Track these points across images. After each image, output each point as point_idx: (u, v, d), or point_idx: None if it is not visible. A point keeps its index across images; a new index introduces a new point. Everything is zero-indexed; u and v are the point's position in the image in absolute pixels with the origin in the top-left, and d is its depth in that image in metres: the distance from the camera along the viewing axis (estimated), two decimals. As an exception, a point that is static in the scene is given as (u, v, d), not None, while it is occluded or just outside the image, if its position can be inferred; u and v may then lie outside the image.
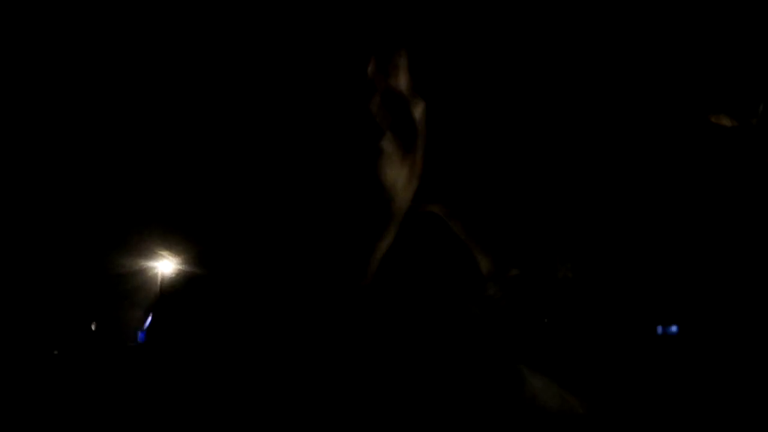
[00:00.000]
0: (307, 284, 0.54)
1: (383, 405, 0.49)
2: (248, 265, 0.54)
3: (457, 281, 0.75)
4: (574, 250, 7.19)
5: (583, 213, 6.71)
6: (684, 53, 6.22)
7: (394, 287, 0.58)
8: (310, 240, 0.53)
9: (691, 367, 6.16)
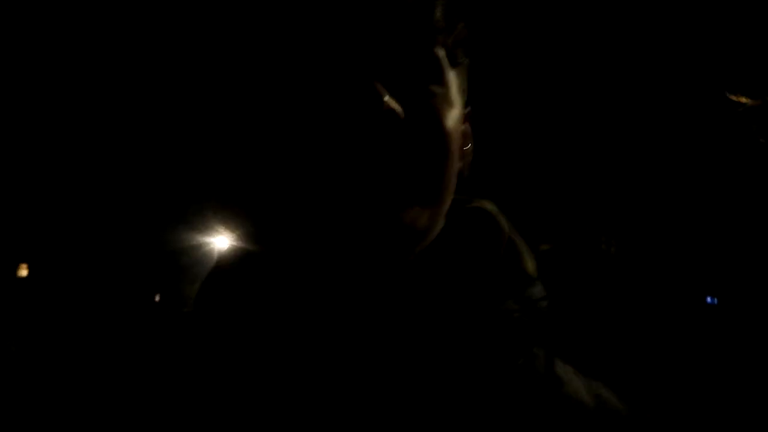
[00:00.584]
0: (358, 257, 0.54)
1: (411, 396, 0.52)
2: (302, 241, 0.54)
3: (501, 280, 0.75)
4: (618, 226, 7.38)
5: (621, 191, 6.93)
6: (703, 35, 6.41)
7: (433, 279, 0.59)
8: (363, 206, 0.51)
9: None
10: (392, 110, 0.46)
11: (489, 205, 0.59)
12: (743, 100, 6.16)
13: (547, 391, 0.54)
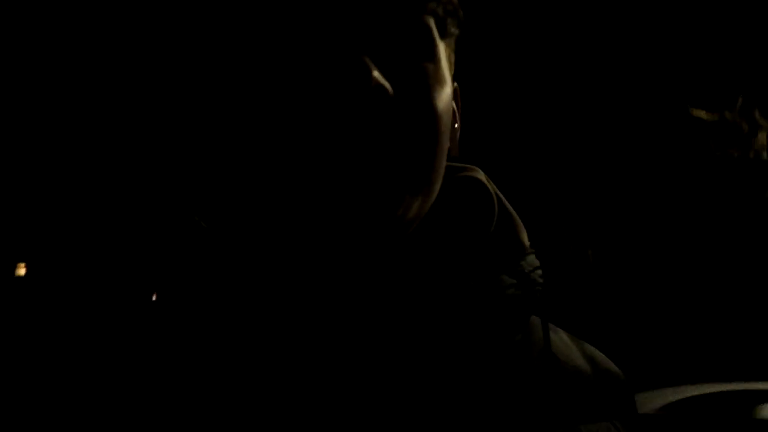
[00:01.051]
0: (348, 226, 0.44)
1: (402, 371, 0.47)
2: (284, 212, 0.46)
3: (495, 251, 0.54)
4: (597, 233, 7.58)
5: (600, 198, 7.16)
6: (666, 50, 6.68)
7: (427, 252, 0.49)
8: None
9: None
10: (381, 86, 0.44)
11: (479, 174, 0.57)
12: (703, 115, 6.51)
13: (546, 362, 0.53)
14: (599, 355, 0.60)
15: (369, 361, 0.47)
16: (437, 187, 0.49)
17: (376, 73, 0.43)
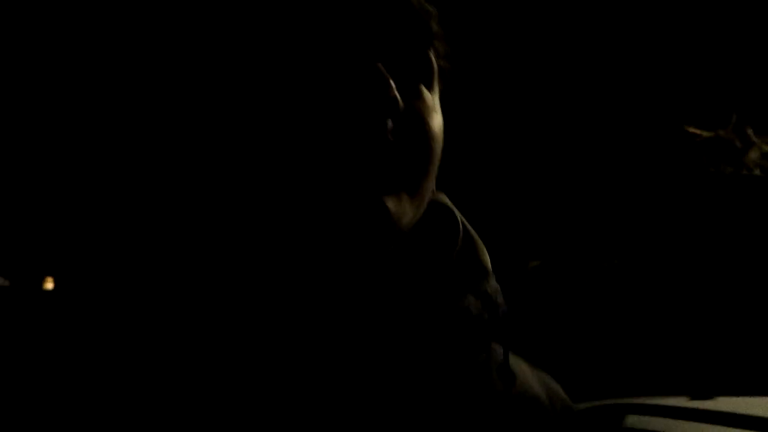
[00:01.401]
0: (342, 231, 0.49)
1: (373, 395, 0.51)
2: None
3: (459, 274, 0.57)
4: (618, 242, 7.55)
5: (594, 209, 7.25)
6: (660, 67, 6.84)
7: (398, 272, 0.53)
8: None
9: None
10: (396, 99, 0.47)
11: (444, 198, 0.59)
12: (697, 131, 6.74)
13: (504, 386, 0.55)
14: (554, 385, 0.63)
15: (346, 364, 0.49)
16: (426, 200, 0.52)
17: (393, 85, 0.47)
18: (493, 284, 0.57)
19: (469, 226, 0.59)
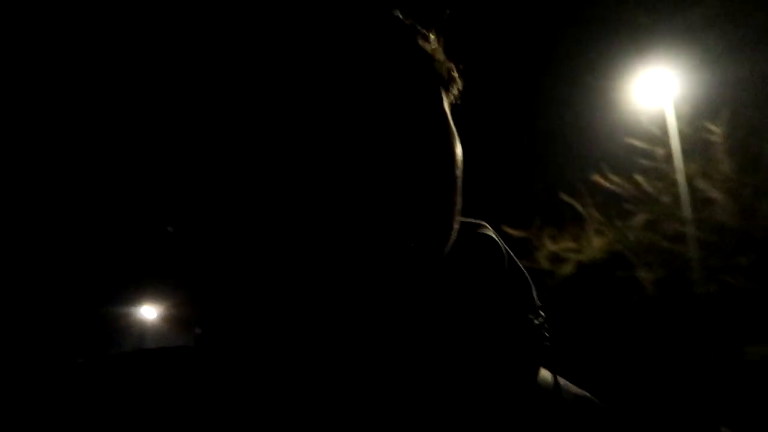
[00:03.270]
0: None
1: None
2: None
3: (516, 296, 0.62)
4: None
5: None
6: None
7: (457, 293, 0.54)
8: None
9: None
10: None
11: (490, 231, 0.63)
12: (512, 231, 8.34)
13: (555, 396, 0.60)
14: (591, 399, 0.66)
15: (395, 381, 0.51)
16: (457, 221, 0.56)
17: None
18: (540, 315, 0.61)
19: (515, 257, 0.63)
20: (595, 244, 8.84)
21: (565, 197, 8.89)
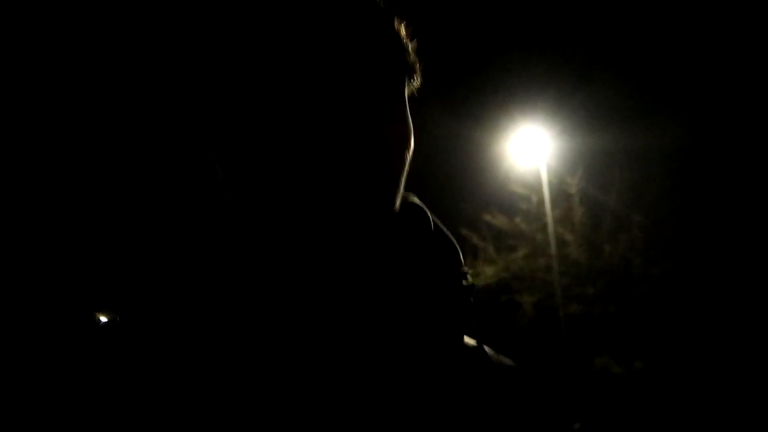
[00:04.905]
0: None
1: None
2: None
3: (446, 261, 0.63)
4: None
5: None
6: None
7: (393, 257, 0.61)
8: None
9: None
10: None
11: (417, 200, 0.67)
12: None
13: (481, 357, 0.66)
14: (507, 360, 0.74)
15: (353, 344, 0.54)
16: (402, 188, 0.61)
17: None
18: (467, 279, 0.64)
19: (440, 224, 0.67)
20: (487, 272, 10.72)
21: (464, 231, 10.72)
